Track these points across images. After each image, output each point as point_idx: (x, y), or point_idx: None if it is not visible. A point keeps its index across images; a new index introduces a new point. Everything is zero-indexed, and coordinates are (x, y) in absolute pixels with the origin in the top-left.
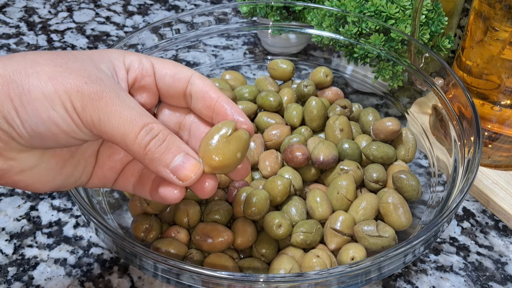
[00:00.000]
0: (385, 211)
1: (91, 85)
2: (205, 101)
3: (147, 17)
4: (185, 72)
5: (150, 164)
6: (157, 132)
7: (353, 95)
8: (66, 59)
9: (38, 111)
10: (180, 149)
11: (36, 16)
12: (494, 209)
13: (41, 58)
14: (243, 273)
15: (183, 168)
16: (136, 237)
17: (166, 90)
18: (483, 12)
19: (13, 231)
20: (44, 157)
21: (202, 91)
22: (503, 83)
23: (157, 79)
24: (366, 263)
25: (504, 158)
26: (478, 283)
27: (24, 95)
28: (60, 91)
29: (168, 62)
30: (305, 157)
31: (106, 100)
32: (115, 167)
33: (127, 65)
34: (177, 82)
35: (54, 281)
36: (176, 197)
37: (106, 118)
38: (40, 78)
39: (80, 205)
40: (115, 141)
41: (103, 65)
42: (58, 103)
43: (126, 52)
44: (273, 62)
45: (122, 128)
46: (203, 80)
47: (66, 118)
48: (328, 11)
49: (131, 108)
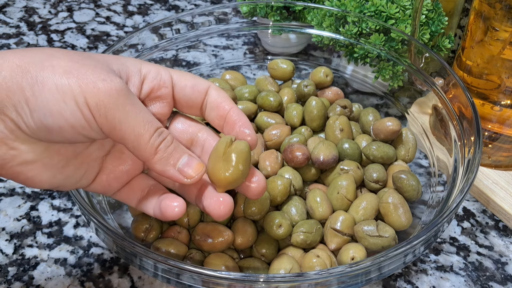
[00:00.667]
0: (385, 211)
1: (109, 82)
2: (218, 111)
3: (147, 17)
4: (203, 84)
5: (158, 163)
6: (166, 135)
7: (353, 95)
8: (82, 56)
9: (48, 102)
10: (184, 151)
11: (36, 16)
12: (494, 209)
13: (58, 53)
14: (243, 273)
15: (188, 167)
16: (136, 237)
17: (186, 101)
18: (483, 12)
19: (13, 231)
20: (47, 152)
21: (216, 101)
22: (503, 83)
23: (177, 91)
24: (366, 263)
25: (504, 158)
26: (478, 283)
27: (37, 85)
28: (74, 86)
29: (187, 74)
30: (305, 157)
31: (124, 99)
32: (121, 178)
33: (143, 74)
34: (196, 93)
35: (54, 281)
36: (176, 214)
37: (123, 117)
38: (55, 71)
39: (80, 205)
40: (126, 140)
41: (115, 67)
42: (70, 96)
43: (144, 62)
44: (273, 62)
45: (138, 128)
46: (219, 92)
47: (76, 113)
48: (328, 11)
49: (145, 111)
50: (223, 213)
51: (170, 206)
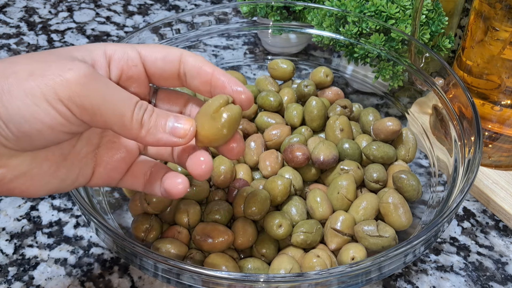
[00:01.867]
0: (386, 211)
1: (77, 70)
2: (200, 77)
3: (147, 17)
4: (174, 53)
5: (148, 135)
6: (146, 106)
7: (354, 95)
8: (43, 55)
9: (20, 109)
10: (168, 114)
11: (37, 16)
12: (495, 209)
13: (19, 59)
14: (243, 273)
15: (178, 126)
16: (137, 237)
17: (160, 74)
18: (484, 12)
19: (14, 231)
20: (35, 161)
21: (196, 67)
22: (503, 83)
23: (148, 66)
24: (367, 263)
25: (505, 158)
26: (478, 283)
27: (4, 95)
28: (41, 85)
29: (156, 46)
30: (306, 157)
31: (96, 83)
32: (120, 167)
33: (108, 55)
34: (169, 64)
35: (54, 281)
36: (180, 190)
37: (100, 102)
38: (19, 76)
39: (80, 205)
40: (110, 124)
41: (78, 55)
42: (40, 98)
43: (109, 43)
44: (274, 62)
45: (118, 109)
46: (195, 57)
47: (50, 112)
48: (328, 11)
49: (121, 90)
50: (204, 172)
51: (174, 183)
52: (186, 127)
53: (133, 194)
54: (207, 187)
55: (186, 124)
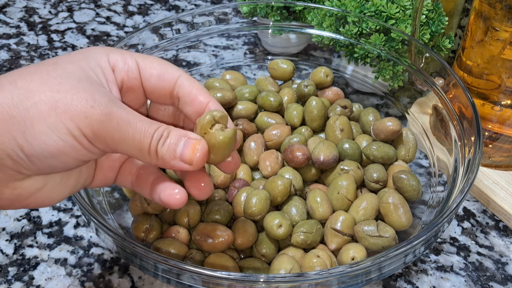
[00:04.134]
0: (386, 211)
1: (98, 107)
2: (194, 107)
3: (147, 17)
4: (171, 73)
5: (164, 163)
6: (162, 131)
7: (354, 95)
8: (58, 78)
9: (46, 144)
10: (181, 135)
11: (37, 16)
12: (495, 209)
13: (33, 84)
14: (244, 273)
15: (186, 152)
16: (137, 237)
17: (151, 91)
18: (484, 12)
19: (14, 231)
20: (48, 177)
21: (190, 95)
22: (503, 83)
23: (143, 79)
24: (367, 263)
25: (505, 158)
26: (478, 283)
27: (28, 130)
28: (65, 120)
29: (154, 61)
30: (306, 157)
31: (117, 121)
32: (114, 166)
33: (112, 64)
34: (163, 83)
35: (54, 281)
36: (178, 201)
37: (121, 138)
38: (41, 109)
39: (80, 205)
40: (131, 154)
41: (92, 73)
42: (65, 132)
43: (109, 51)
44: (274, 62)
45: (138, 143)
46: (191, 83)
47: (75, 145)
48: (328, 11)
49: (140, 119)
50: (205, 192)
51: (172, 196)
52: (192, 153)
53: (133, 194)
54: None
55: (193, 148)
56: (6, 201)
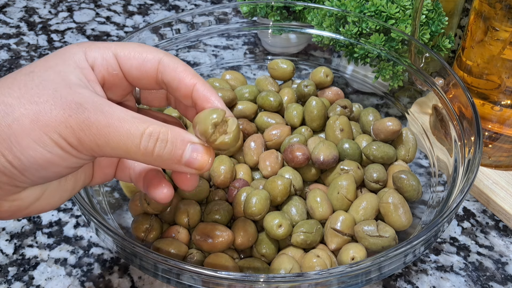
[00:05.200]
0: (386, 211)
1: (75, 116)
2: (181, 91)
3: (147, 17)
4: (151, 60)
5: (164, 166)
6: (157, 134)
7: (354, 95)
8: (35, 89)
9: (34, 158)
10: (185, 140)
11: (37, 16)
12: (495, 209)
13: (11, 98)
14: (243, 273)
15: (195, 159)
16: (137, 237)
17: (136, 82)
18: (484, 12)
19: (14, 231)
20: (45, 185)
21: (175, 80)
22: (503, 83)
23: (124, 72)
24: (367, 263)
25: (505, 158)
26: (478, 283)
27: (14, 147)
28: (49, 132)
29: (132, 50)
30: (306, 157)
31: (96, 126)
32: (112, 162)
33: (90, 63)
34: (144, 74)
35: (54, 281)
36: (165, 196)
37: (104, 143)
38: (23, 124)
39: (80, 205)
40: (121, 156)
41: (73, 76)
42: (51, 144)
43: (86, 47)
44: (274, 62)
45: (123, 145)
46: (174, 66)
47: (63, 155)
48: (328, 11)
49: (122, 120)
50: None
51: (160, 193)
52: (205, 159)
53: (133, 194)
54: (207, 187)
55: (205, 156)
56: (6, 213)
